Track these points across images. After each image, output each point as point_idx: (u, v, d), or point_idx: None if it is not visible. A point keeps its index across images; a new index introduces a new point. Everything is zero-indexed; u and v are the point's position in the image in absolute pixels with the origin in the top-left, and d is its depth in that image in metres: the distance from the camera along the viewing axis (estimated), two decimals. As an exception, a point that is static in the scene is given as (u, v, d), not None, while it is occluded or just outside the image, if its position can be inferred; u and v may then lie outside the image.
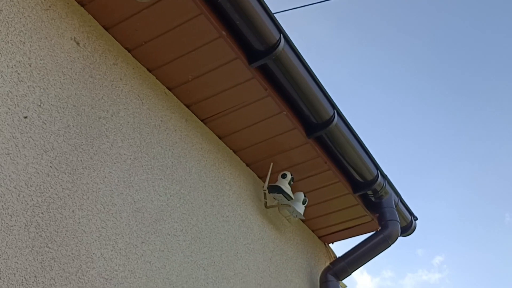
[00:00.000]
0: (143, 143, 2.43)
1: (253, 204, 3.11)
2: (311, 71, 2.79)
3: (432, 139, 10.86)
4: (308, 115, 2.93)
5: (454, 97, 10.14)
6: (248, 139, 3.02)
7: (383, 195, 3.52)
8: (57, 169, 1.96)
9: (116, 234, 2.09)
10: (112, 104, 2.35)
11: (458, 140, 10.96)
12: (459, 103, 10.33)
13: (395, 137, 10.31)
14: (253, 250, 2.94)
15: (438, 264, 15.55)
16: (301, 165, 3.19)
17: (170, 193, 2.47)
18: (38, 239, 1.77)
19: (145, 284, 2.13)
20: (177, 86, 2.72)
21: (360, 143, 3.20)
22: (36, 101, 1.99)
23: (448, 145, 10.91)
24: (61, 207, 1.91)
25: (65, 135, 2.06)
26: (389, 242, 3.48)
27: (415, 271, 15.90)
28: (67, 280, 1.81)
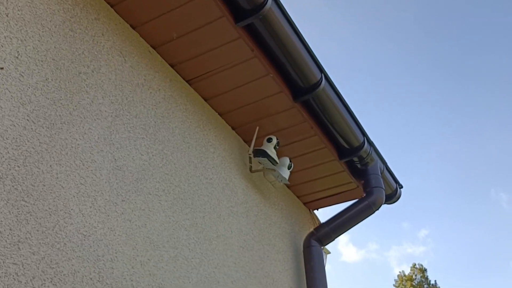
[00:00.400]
0: (124, 101, 2.38)
1: (237, 168, 3.08)
2: (299, 33, 2.74)
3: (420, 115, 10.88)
4: (295, 78, 2.89)
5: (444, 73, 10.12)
6: (233, 101, 2.98)
7: (368, 162, 3.52)
8: (34, 123, 1.91)
9: (95, 191, 2.06)
10: (93, 59, 2.29)
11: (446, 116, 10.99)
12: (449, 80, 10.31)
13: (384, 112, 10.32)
14: (237, 213, 2.93)
15: (423, 237, 15.74)
16: (287, 130, 3.16)
17: (152, 153, 2.44)
18: (13, 192, 1.73)
19: (125, 242, 2.11)
20: (162, 44, 2.66)
21: (347, 109, 3.17)
22: (13, 53, 1.93)
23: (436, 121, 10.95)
24: (38, 161, 1.87)
25: (43, 88, 2.00)
26: (373, 208, 3.49)
27: (400, 244, 16.13)
28: (43, 234, 1.78)
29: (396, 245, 39.10)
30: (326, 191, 3.70)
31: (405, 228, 36.85)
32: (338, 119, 3.17)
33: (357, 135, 3.32)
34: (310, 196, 3.74)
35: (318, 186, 3.64)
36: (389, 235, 38.83)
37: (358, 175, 3.58)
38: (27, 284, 1.66)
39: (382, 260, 40.53)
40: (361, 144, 3.36)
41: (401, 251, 38.85)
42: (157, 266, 2.22)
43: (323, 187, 3.65)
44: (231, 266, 2.72)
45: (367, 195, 3.47)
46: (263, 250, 3.08)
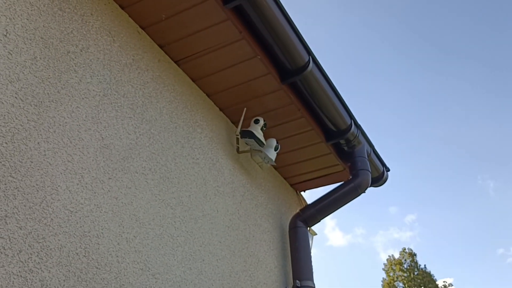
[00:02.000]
0: (113, 80, 2.41)
1: (225, 149, 3.13)
2: (287, 15, 2.77)
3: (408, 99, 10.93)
4: (282, 60, 2.92)
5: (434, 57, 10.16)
6: (221, 83, 3.01)
7: (355, 145, 3.57)
8: (22, 101, 1.94)
9: (82, 169, 2.10)
10: (82, 39, 2.31)
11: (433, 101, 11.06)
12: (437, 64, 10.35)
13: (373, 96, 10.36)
14: (223, 193, 2.98)
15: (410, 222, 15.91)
16: (275, 112, 3.20)
17: (140, 132, 2.47)
18: (1, 168, 1.77)
19: (111, 219, 2.16)
20: (150, 25, 2.68)
21: (335, 91, 3.21)
22: (1, 31, 1.95)
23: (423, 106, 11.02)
24: (25, 138, 1.90)
25: (32, 67, 2.03)
26: (359, 191, 3.54)
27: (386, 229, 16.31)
28: (30, 210, 1.82)
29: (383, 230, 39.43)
30: (313, 173, 3.75)
31: (392, 213, 36.99)
32: (325, 102, 3.21)
33: (344, 117, 3.36)
34: (297, 177, 3.80)
35: (305, 168, 3.70)
36: (376, 220, 39.11)
37: (344, 157, 3.63)
38: (14, 257, 1.71)
39: (368, 245, 40.94)
40: (348, 126, 3.41)
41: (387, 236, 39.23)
42: (142, 243, 2.27)
43: (310, 169, 3.71)
44: (216, 245, 2.78)
45: (353, 177, 3.53)
46: (248, 230, 3.14)
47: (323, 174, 3.77)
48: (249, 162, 3.36)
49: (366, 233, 40.97)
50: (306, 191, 3.99)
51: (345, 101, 3.31)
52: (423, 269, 27.40)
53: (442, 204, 36.01)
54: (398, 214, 39.75)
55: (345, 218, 28.67)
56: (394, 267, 27.54)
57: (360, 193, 3.53)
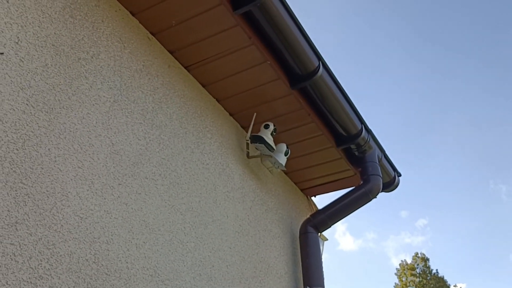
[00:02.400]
0: (123, 86, 2.42)
1: (234, 154, 3.13)
2: (297, 20, 2.76)
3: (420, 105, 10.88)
4: (292, 65, 2.92)
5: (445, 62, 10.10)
6: (231, 88, 3.01)
7: (366, 150, 3.55)
8: (33, 107, 1.96)
9: (92, 175, 2.11)
10: (93, 45, 2.33)
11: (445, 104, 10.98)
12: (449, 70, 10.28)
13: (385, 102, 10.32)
14: (233, 198, 2.98)
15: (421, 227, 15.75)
16: (284, 117, 3.19)
17: (150, 138, 2.48)
18: (12, 175, 1.78)
19: (121, 225, 2.16)
20: (161, 31, 2.69)
21: (345, 96, 3.20)
22: (13, 38, 1.97)
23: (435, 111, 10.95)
24: (36, 145, 1.92)
25: (43, 73, 2.05)
26: (370, 196, 3.53)
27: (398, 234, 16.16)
28: (41, 216, 1.84)
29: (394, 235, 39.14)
30: (323, 178, 3.74)
31: (404, 218, 36.69)
32: (336, 106, 3.21)
33: (355, 122, 3.35)
34: (308, 182, 3.79)
35: (316, 173, 3.68)
36: (387, 225, 38.82)
37: (355, 162, 3.61)
38: (24, 264, 1.72)
39: (379, 249, 40.68)
40: (359, 131, 3.39)
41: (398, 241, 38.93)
42: (152, 249, 2.27)
43: (320, 174, 3.70)
44: (226, 250, 2.78)
45: (364, 182, 3.51)
46: (258, 235, 3.14)
47: (333, 179, 3.75)
48: (259, 167, 3.35)
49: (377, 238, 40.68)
50: (316, 196, 3.97)
51: (355, 106, 3.29)
52: (436, 274, 27.16)
53: (453, 209, 35.66)
54: (409, 219, 39.40)
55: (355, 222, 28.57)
56: (407, 272, 27.34)
57: (371, 199, 3.51)
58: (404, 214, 38.61)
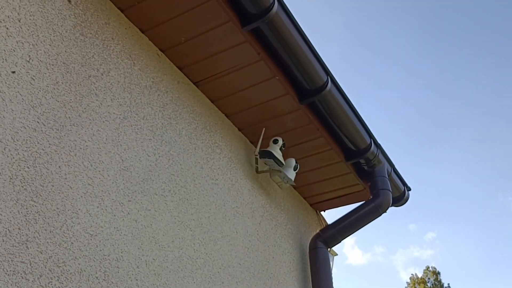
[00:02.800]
0: (133, 103, 2.43)
1: (243, 169, 3.13)
2: (305, 36, 2.77)
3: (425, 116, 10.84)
4: (301, 80, 2.92)
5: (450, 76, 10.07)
6: (240, 103, 3.02)
7: (375, 164, 3.54)
8: (44, 125, 1.97)
9: (102, 192, 2.11)
10: (103, 63, 2.35)
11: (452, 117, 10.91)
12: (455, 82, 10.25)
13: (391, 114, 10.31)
14: (242, 213, 2.97)
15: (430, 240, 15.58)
16: (293, 131, 3.19)
17: (159, 154, 2.49)
18: (23, 193, 1.79)
19: (131, 242, 2.16)
20: (170, 48, 2.71)
21: (354, 111, 3.20)
22: (24, 57, 1.99)
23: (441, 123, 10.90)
24: (47, 162, 1.93)
25: (54, 91, 2.07)
26: (380, 211, 3.51)
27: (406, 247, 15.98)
28: (51, 233, 1.84)
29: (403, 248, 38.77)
30: (332, 192, 3.73)
31: (412, 231, 36.32)
32: (344, 121, 3.20)
33: (364, 137, 3.34)
34: (317, 197, 3.78)
35: (325, 188, 3.67)
36: (395, 238, 38.45)
37: (365, 177, 3.60)
38: (34, 282, 1.72)
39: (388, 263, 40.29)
40: (368, 146, 3.38)
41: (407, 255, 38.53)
42: (162, 266, 2.27)
43: (330, 189, 3.68)
44: (236, 266, 2.76)
45: (374, 197, 3.50)
46: (268, 251, 3.12)
47: (343, 193, 3.74)
48: (268, 182, 3.35)
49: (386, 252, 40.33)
50: (326, 211, 3.96)
51: (364, 120, 3.29)
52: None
53: (462, 221, 35.28)
54: (417, 232, 39.00)
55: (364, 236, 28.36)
56: (418, 286, 27.04)
57: (381, 213, 3.49)
58: (412, 228, 38.13)
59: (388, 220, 32.50)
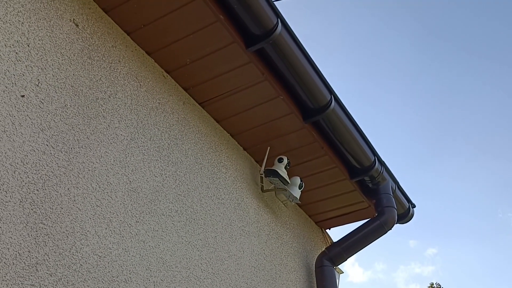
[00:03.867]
0: (139, 124, 2.46)
1: (249, 188, 3.14)
2: (308, 56, 2.81)
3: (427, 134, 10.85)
4: (305, 99, 2.95)
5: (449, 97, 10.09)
6: (245, 123, 3.05)
7: (380, 182, 3.55)
8: (53, 148, 2.00)
9: (110, 213, 2.13)
10: (110, 85, 2.38)
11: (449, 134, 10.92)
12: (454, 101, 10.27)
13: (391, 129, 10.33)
14: (248, 233, 2.98)
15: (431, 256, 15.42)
16: (298, 150, 3.21)
17: (166, 174, 2.51)
18: (32, 215, 1.81)
19: (139, 263, 2.17)
20: (175, 69, 2.75)
21: (357, 129, 3.22)
22: (33, 81, 2.02)
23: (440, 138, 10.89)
24: (56, 185, 1.95)
25: (62, 114, 2.10)
26: (385, 228, 3.51)
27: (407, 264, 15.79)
28: (60, 256, 1.85)
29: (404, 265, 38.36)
30: (337, 210, 3.73)
31: (413, 247, 35.93)
32: (348, 139, 3.22)
33: (368, 154, 3.36)
34: (322, 215, 3.78)
35: (330, 205, 3.68)
36: (396, 255, 38.07)
37: (369, 194, 3.61)
38: (45, 304, 1.73)
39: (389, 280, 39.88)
40: (372, 163, 3.40)
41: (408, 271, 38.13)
42: (170, 287, 2.27)
43: (335, 206, 3.69)
44: (243, 286, 2.76)
45: (379, 214, 3.50)
46: (275, 270, 3.12)
47: (348, 211, 3.74)
48: (274, 200, 3.36)
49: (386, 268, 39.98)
50: (331, 229, 3.95)
51: (368, 138, 3.31)
52: (453, 304, 26.50)
53: (463, 238, 34.93)
54: (418, 248, 38.59)
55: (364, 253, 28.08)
56: (422, 302, 26.71)
57: (386, 231, 3.49)
58: (412, 244, 37.70)
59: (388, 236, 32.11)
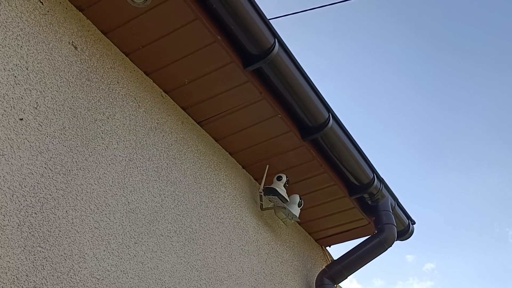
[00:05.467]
0: (138, 145, 2.47)
1: (248, 206, 3.14)
2: (305, 75, 2.83)
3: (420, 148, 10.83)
4: (303, 118, 2.96)
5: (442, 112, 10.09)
6: (244, 141, 3.06)
7: (379, 199, 3.54)
8: (51, 170, 2.01)
9: (109, 235, 2.13)
10: (109, 106, 2.39)
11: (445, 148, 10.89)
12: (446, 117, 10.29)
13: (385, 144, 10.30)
14: (248, 252, 2.97)
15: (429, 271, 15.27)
16: (297, 168, 3.22)
17: (165, 194, 2.51)
18: (30, 239, 1.81)
19: (137, 285, 2.17)
20: (174, 89, 2.76)
21: (356, 146, 3.23)
22: (32, 104, 2.04)
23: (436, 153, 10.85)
24: (54, 208, 1.95)
25: (61, 137, 2.10)
26: (385, 246, 3.49)
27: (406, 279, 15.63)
28: (58, 279, 1.85)
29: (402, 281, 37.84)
30: (337, 227, 3.72)
31: (410, 262, 35.51)
32: (347, 157, 3.23)
33: (367, 172, 3.36)
34: (322, 232, 3.77)
35: (329, 223, 3.67)
36: (394, 270, 37.55)
37: (369, 211, 3.60)
38: (43, 329, 1.72)
39: (388, 297, 39.34)
40: (371, 181, 3.40)
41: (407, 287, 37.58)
42: (168, 308, 2.26)
43: (334, 224, 3.68)
44: (242, 305, 2.75)
45: (379, 232, 3.49)
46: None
47: (348, 228, 3.73)
48: (273, 218, 3.35)
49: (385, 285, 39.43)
50: (331, 246, 3.94)
51: (366, 156, 3.31)
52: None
53: (460, 253, 34.58)
54: (416, 263, 38.07)
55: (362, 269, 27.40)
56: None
57: (386, 248, 3.48)
58: (410, 259, 37.22)
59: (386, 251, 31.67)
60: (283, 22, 4.22)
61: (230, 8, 2.46)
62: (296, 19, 4.92)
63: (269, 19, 2.60)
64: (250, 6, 2.49)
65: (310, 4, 4.52)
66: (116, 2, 2.37)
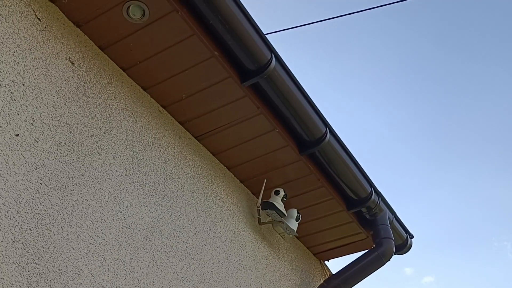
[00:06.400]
0: (135, 160, 2.47)
1: (246, 221, 3.13)
2: (302, 89, 2.84)
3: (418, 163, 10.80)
4: (300, 132, 2.97)
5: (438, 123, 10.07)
6: (241, 156, 3.06)
7: (377, 213, 3.53)
8: (47, 186, 2.00)
9: (104, 251, 2.12)
10: (105, 122, 2.40)
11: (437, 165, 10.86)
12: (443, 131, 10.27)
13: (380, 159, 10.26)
14: (245, 267, 2.96)
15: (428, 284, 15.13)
16: (294, 182, 3.21)
17: (161, 209, 2.51)
18: (25, 255, 1.81)
19: (133, 300, 2.15)
20: (171, 104, 2.77)
21: (353, 160, 3.23)
22: (28, 120, 2.04)
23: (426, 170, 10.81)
24: (49, 224, 1.95)
25: (57, 152, 2.11)
26: (383, 260, 3.48)
27: (405, 293, 15.44)
28: (53, 295, 1.84)
29: (401, 295, 37.47)
30: (335, 241, 3.71)
31: (409, 275, 35.33)
32: (344, 171, 3.23)
33: (364, 186, 3.35)
34: (320, 247, 3.75)
35: (328, 237, 3.66)
36: (392, 284, 37.23)
37: (367, 225, 3.59)
38: None
39: (387, 311, 39.01)
40: (369, 194, 3.39)
41: (407, 302, 37.25)
42: (164, 324, 2.25)
43: (333, 238, 3.67)
44: (239, 321, 2.73)
45: (377, 246, 3.47)
46: (272, 303, 3.09)
47: (346, 242, 3.72)
48: (271, 233, 3.34)
49: (384, 299, 39.09)
50: (329, 260, 3.92)
51: (364, 169, 3.31)
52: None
53: (459, 266, 34.45)
54: (414, 276, 37.87)
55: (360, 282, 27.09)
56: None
57: (384, 262, 3.46)
58: (409, 272, 37.06)
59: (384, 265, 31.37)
60: (280, 37, 4.24)
61: (227, 24, 2.47)
62: (292, 34, 4.94)
63: (265, 34, 2.61)
64: (246, 22, 2.51)
65: (306, 19, 4.54)
66: (113, 18, 2.39)
